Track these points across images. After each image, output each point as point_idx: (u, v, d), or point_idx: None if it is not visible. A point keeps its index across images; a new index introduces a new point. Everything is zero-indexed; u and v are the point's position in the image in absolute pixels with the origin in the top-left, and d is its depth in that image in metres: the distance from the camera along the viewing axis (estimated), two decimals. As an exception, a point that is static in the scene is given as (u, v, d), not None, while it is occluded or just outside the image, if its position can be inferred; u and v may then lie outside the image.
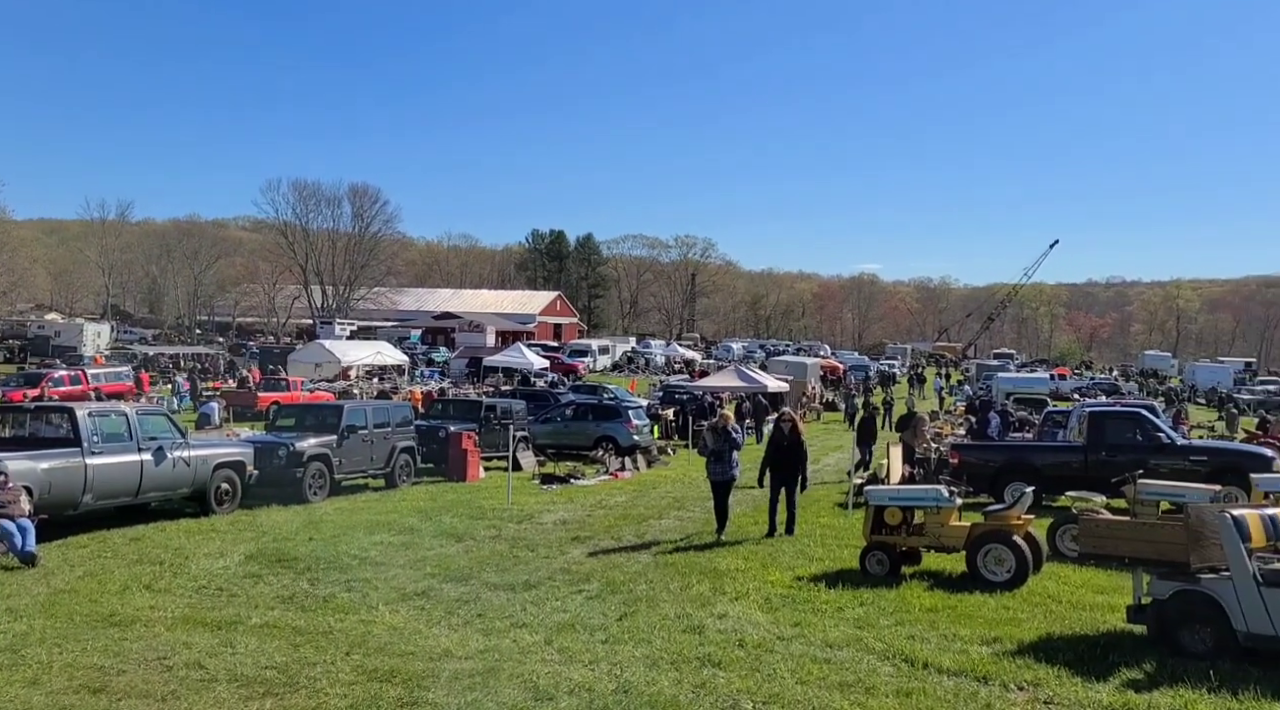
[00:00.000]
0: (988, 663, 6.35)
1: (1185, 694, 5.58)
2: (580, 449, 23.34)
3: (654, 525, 13.11)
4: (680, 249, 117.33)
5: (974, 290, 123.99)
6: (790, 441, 12.08)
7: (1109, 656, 6.42)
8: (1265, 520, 6.80)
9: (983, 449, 17.17)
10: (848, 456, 18.95)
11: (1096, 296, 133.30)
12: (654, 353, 69.45)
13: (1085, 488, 12.56)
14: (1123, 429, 15.27)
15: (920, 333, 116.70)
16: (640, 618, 7.80)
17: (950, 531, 9.59)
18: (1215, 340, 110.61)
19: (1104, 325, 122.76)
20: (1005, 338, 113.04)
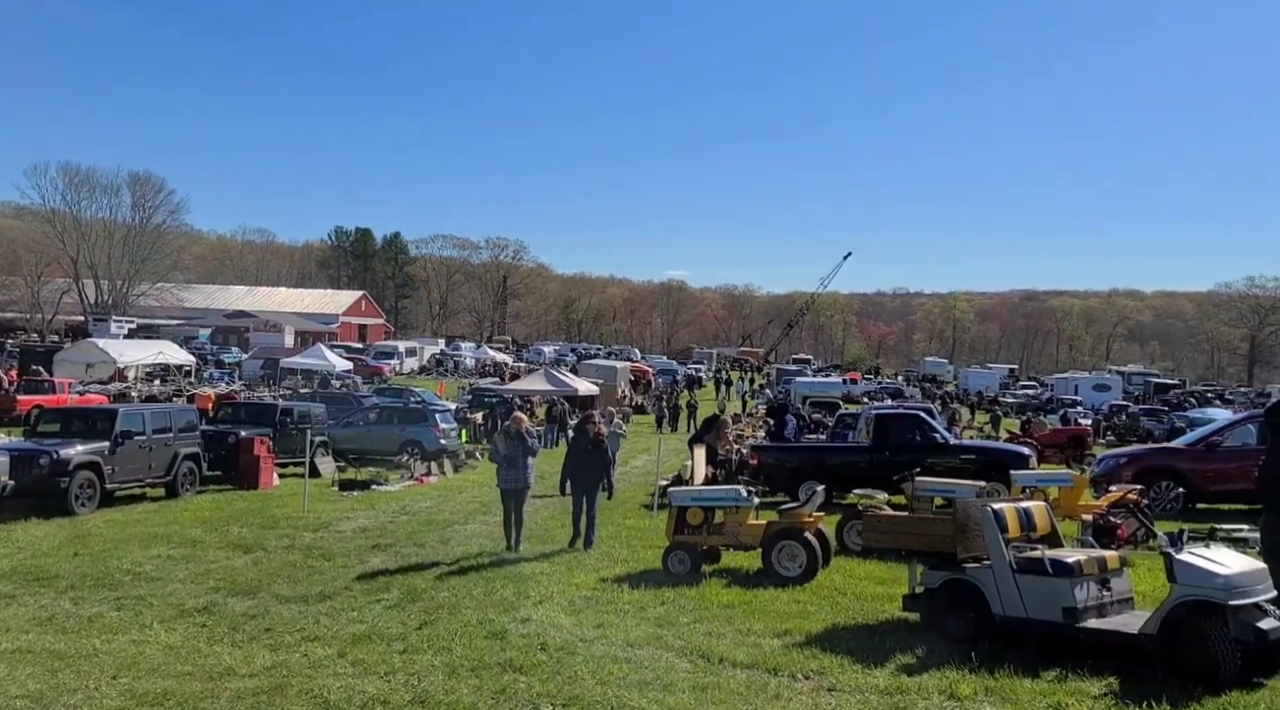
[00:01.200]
0: (778, 655, 6.64)
1: (950, 675, 6.04)
2: (384, 454, 22.60)
3: (459, 531, 12.88)
4: (492, 251, 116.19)
5: (776, 298, 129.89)
6: (593, 446, 11.73)
7: (886, 643, 6.86)
8: (1020, 513, 7.48)
9: (780, 450, 18.01)
10: (654, 459, 19.34)
11: (884, 306, 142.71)
12: (464, 355, 68.36)
13: (871, 485, 13.36)
14: (904, 430, 16.41)
15: (726, 338, 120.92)
16: (441, 625, 7.63)
17: (748, 530, 9.97)
18: (985, 348, 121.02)
19: (891, 333, 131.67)
20: (804, 344, 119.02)
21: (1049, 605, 6.65)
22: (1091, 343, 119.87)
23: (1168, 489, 14.50)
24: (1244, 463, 13.05)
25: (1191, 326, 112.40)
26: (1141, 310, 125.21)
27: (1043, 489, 12.74)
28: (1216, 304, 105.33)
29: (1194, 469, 14.63)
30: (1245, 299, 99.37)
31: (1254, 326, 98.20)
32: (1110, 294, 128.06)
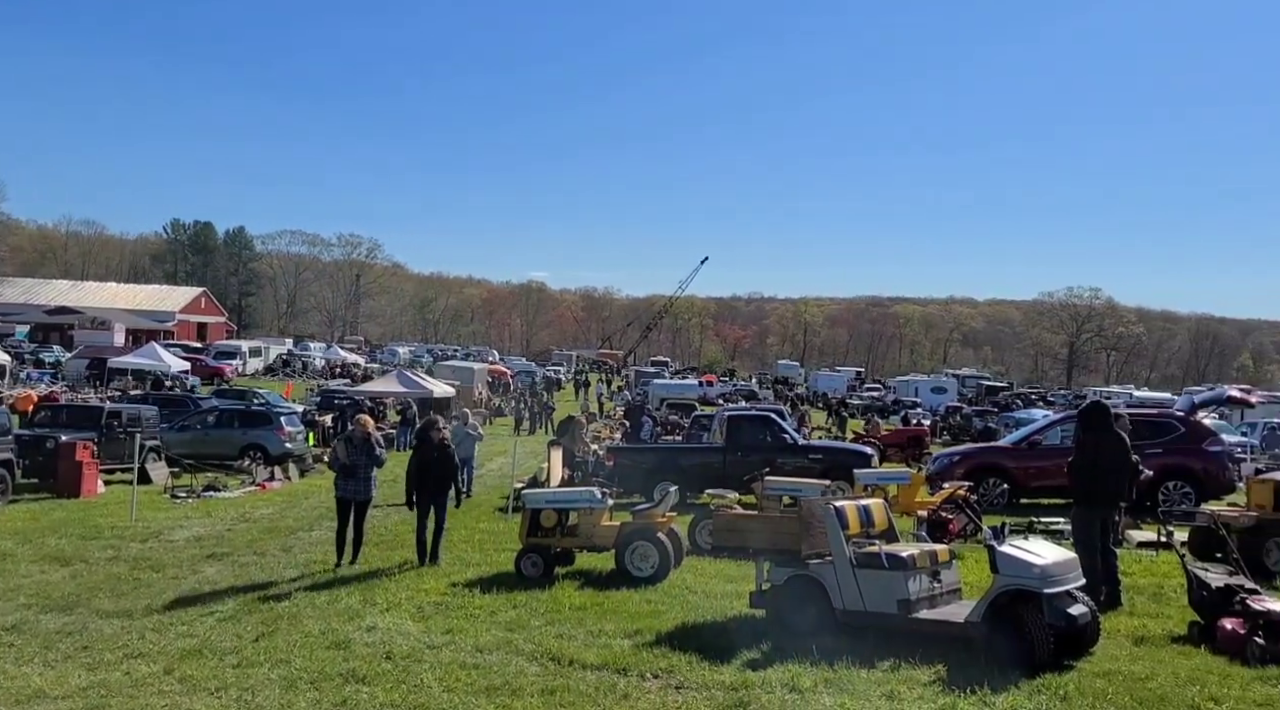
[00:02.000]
0: (628, 655, 6.68)
1: (793, 668, 6.23)
2: (224, 459, 21.47)
3: (303, 537, 12.38)
4: (344, 248, 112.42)
5: (635, 301, 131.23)
6: (439, 454, 10.68)
7: (734, 640, 7.01)
8: (860, 510, 7.80)
9: (636, 451, 18.17)
10: (511, 461, 19.15)
11: (739, 310, 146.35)
12: (313, 355, 65.83)
13: (724, 485, 13.66)
14: (755, 431, 16.87)
15: (585, 340, 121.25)
16: (280, 637, 7.30)
17: (602, 531, 10.00)
18: (834, 351, 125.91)
19: (746, 336, 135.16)
20: (662, 346, 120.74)
21: (885, 598, 6.96)
22: (930, 347, 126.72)
23: (994, 485, 15.47)
24: (1060, 460, 14.03)
25: (1019, 332, 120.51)
26: (975, 317, 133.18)
27: (883, 487, 13.34)
28: (1040, 312, 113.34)
29: (1017, 466, 15.66)
30: (1065, 307, 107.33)
31: (1072, 333, 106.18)
32: (948, 301, 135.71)
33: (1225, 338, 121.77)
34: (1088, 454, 8.78)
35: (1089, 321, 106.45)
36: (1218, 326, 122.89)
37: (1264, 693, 5.77)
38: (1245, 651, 6.52)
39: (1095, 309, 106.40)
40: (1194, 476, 14.93)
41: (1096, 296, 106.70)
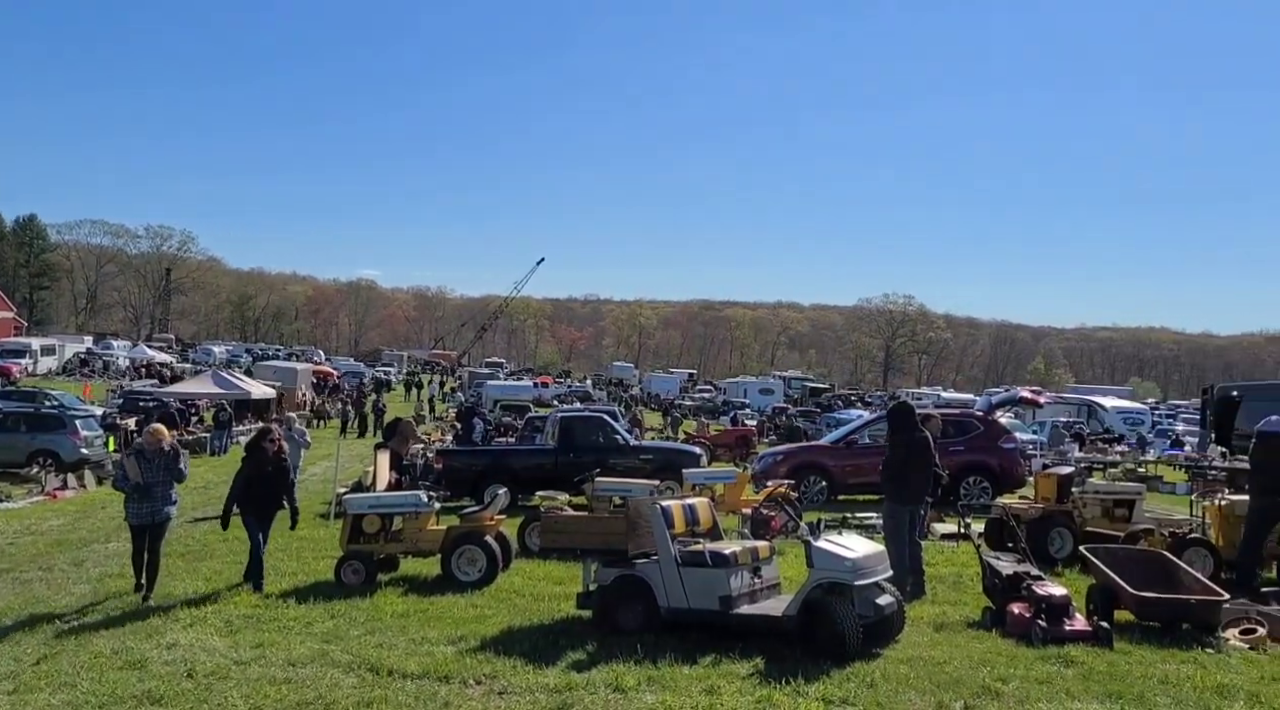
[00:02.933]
0: (451, 661, 6.52)
1: (618, 668, 6.26)
2: (9, 466, 19.58)
3: (98, 550, 11.45)
4: (153, 240, 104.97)
5: (470, 300, 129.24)
6: (274, 468, 9.48)
7: (560, 642, 6.98)
8: (686, 509, 7.95)
9: (466, 454, 17.88)
10: (333, 465, 18.38)
11: (576, 311, 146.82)
12: (116, 354, 61.12)
13: (555, 487, 13.63)
14: (588, 432, 16.94)
15: (417, 340, 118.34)
16: (65, 658, 6.70)
17: (427, 536, 9.75)
18: (668, 353, 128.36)
19: (582, 338, 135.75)
20: (497, 347, 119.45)
21: (708, 595, 7.11)
22: (759, 350, 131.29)
23: (815, 483, 16.17)
24: (874, 458, 14.85)
25: (841, 336, 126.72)
26: (801, 321, 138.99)
27: (710, 486, 13.68)
28: (860, 317, 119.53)
29: (835, 464, 16.43)
30: (883, 313, 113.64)
31: (888, 338, 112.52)
32: (776, 306, 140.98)
33: (1021, 343, 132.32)
34: (899, 453, 9.31)
35: (903, 326, 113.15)
36: (1015, 333, 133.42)
37: (1045, 670, 6.26)
38: (1030, 633, 7.07)
39: (909, 315, 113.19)
40: (990, 472, 16.11)
41: (910, 303, 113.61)
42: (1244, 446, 21.78)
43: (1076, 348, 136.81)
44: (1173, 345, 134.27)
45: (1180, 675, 6.19)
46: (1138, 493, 12.07)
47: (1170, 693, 5.84)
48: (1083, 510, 11.43)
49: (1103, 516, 11.50)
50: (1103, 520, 11.42)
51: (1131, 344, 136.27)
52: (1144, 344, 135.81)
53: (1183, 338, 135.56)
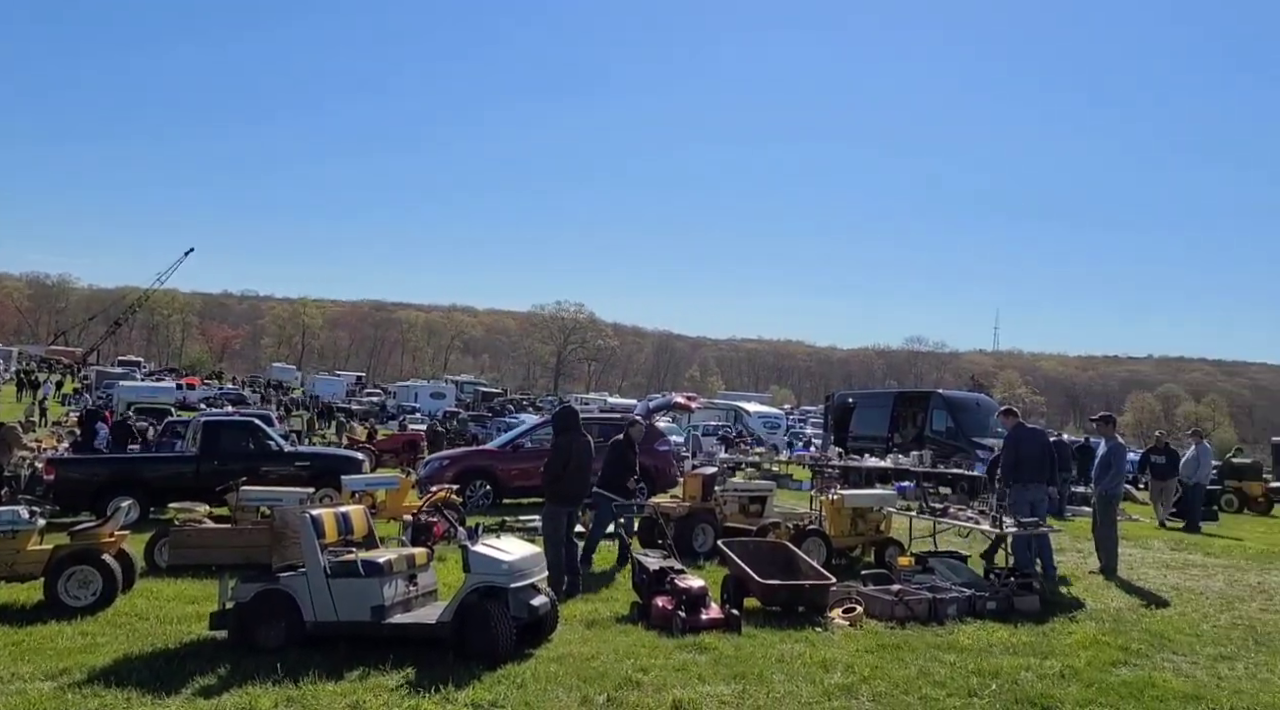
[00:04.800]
0: (48, 699, 5.68)
1: (253, 690, 5.80)
2: None
3: None
4: None
5: (100, 292, 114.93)
6: None
7: (187, 667, 6.34)
8: (339, 517, 7.58)
9: (85, 463, 15.79)
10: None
11: (231, 308, 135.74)
12: None
13: (196, 498, 12.43)
14: (236, 438, 15.66)
15: (33, 334, 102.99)
16: None
17: (27, 557, 8.44)
18: (335, 355, 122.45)
19: (237, 336, 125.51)
20: (134, 344, 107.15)
21: (359, 606, 6.82)
22: (433, 353, 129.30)
23: (480, 487, 16.17)
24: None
25: (514, 341, 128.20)
26: (475, 325, 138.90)
27: (371, 492, 13.20)
28: (534, 323, 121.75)
29: (501, 468, 16.55)
30: (555, 320, 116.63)
31: (560, 344, 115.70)
32: (450, 309, 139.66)
33: (680, 352, 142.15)
34: (561, 455, 9.57)
35: (574, 333, 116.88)
36: (675, 342, 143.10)
37: (682, 658, 6.70)
38: (671, 624, 7.54)
39: (580, 322, 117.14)
40: (647, 473, 17.03)
41: (581, 311, 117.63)
42: (858, 448, 25.09)
43: (727, 357, 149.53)
44: (806, 356, 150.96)
45: (794, 653, 6.91)
46: (769, 490, 13.38)
47: (785, 670, 6.49)
48: (723, 507, 12.44)
49: (740, 512, 12.59)
50: (740, 516, 12.50)
51: (773, 355, 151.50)
52: (783, 355, 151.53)
53: (814, 350, 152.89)
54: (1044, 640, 7.72)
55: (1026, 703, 5.97)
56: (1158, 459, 18.28)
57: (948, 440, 23.84)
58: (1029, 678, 6.52)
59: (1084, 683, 6.46)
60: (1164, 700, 6.14)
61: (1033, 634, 7.91)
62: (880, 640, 7.46)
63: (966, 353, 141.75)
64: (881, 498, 12.37)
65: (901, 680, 6.35)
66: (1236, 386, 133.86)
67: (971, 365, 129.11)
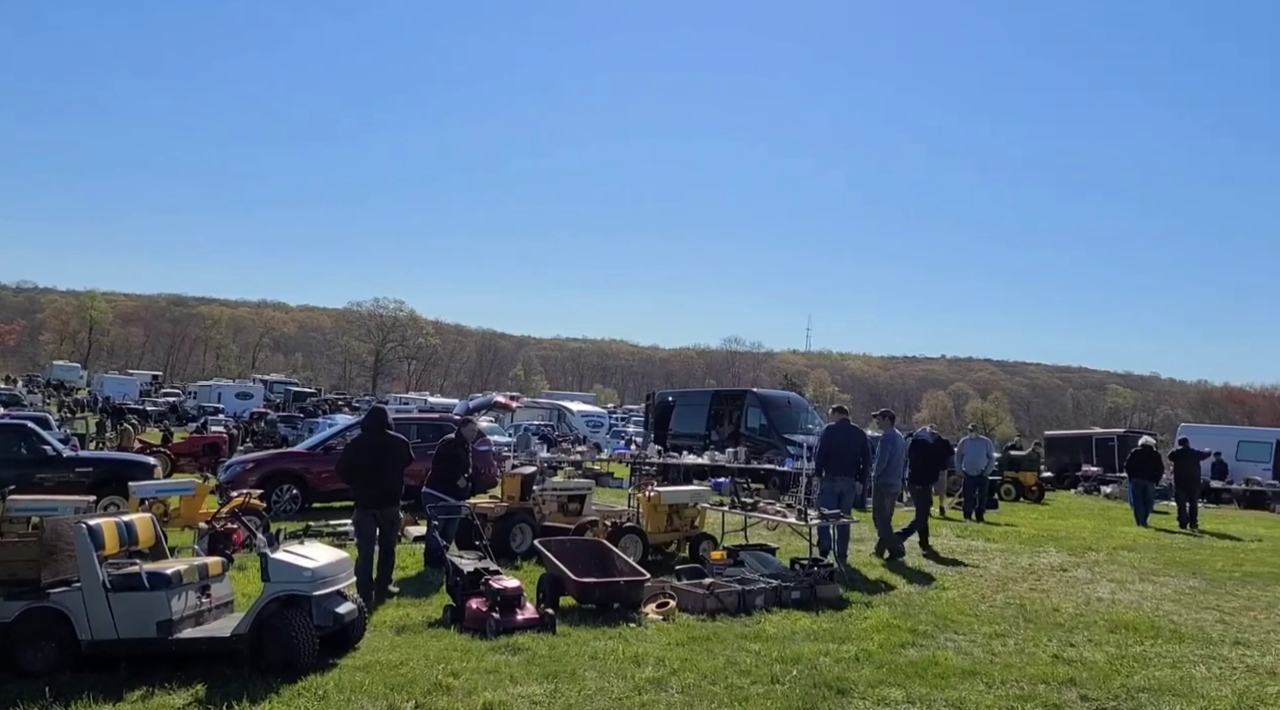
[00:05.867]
0: None
1: (16, 720, 5.28)
2: None
3: None
4: None
5: None
6: None
7: (-66, 700, 5.69)
8: (121, 527, 7.00)
9: None
10: None
11: (6, 301, 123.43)
12: None
13: (-45, 509, 11.18)
14: (7, 442, 14.33)
15: None
16: None
17: None
18: (128, 353, 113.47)
19: (11, 331, 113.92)
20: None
21: (143, 621, 6.33)
22: (239, 351, 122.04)
23: (287, 491, 15.41)
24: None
25: (329, 340, 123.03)
26: (288, 322, 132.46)
27: (163, 499, 12.33)
28: (350, 320, 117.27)
29: (310, 471, 15.83)
30: (373, 317, 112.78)
31: (378, 342, 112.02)
32: (259, 305, 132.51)
33: (504, 351, 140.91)
34: (346, 455, 9.27)
35: (394, 331, 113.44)
36: (499, 341, 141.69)
37: (494, 660, 6.62)
38: (485, 626, 7.44)
39: (399, 320, 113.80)
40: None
41: (401, 308, 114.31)
42: (677, 445, 25.67)
43: (552, 356, 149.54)
44: (630, 356, 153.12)
45: (607, 650, 6.97)
46: (587, 488, 13.47)
47: (597, 666, 6.54)
48: (542, 507, 12.42)
49: (559, 511, 12.61)
50: (559, 515, 12.52)
51: (597, 354, 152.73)
52: (607, 354, 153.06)
53: (637, 350, 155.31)
54: (843, 626, 8.14)
55: (824, 686, 6.27)
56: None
57: (761, 437, 24.77)
58: (827, 662, 6.85)
59: (876, 664, 6.85)
60: (945, 677, 6.61)
61: (833, 620, 8.33)
62: (691, 633, 7.65)
63: (781, 353, 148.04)
64: (696, 494, 12.69)
65: (709, 671, 6.53)
66: (1016, 385, 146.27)
67: (785, 365, 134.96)
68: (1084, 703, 6.20)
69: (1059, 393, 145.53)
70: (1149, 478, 19.58)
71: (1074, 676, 6.75)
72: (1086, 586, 10.77)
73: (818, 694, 6.12)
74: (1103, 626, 8.55)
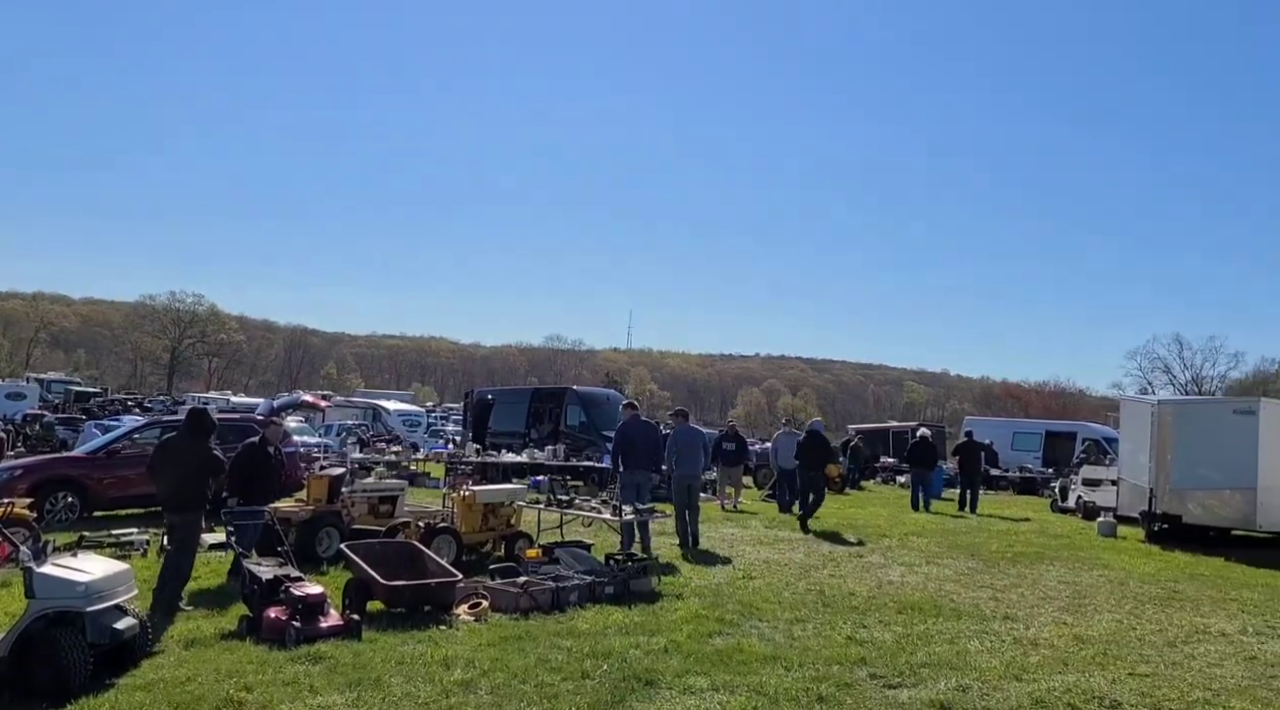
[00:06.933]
0: None
1: None
2: None
3: None
4: None
5: None
6: None
7: None
8: None
9: None
10: None
11: None
12: None
13: None
14: None
15: None
16: None
17: None
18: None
19: None
20: None
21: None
22: (11, 348, 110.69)
23: (62, 499, 14.13)
24: (141, 468, 13.52)
25: (119, 336, 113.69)
26: (69, 316, 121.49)
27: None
28: (143, 315, 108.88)
29: (92, 477, 14.58)
30: (168, 312, 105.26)
31: (174, 338, 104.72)
32: (34, 297, 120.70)
33: (315, 348, 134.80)
34: (164, 455, 8.67)
35: (192, 327, 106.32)
36: (310, 338, 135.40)
37: (294, 671, 6.32)
38: (285, 635, 7.08)
39: (199, 315, 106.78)
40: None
41: (200, 303, 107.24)
42: (497, 443, 25.42)
43: (367, 354, 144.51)
44: (450, 354, 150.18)
45: (415, 654, 6.80)
46: (400, 489, 13.12)
47: (404, 672, 6.37)
48: (351, 509, 11.98)
49: (369, 513, 12.21)
50: (369, 517, 12.12)
51: (416, 352, 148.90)
52: (426, 352, 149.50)
53: (458, 347, 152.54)
54: (654, 618, 8.30)
55: (633, 678, 6.37)
56: (728, 446, 20.01)
57: (581, 434, 24.94)
58: (637, 655, 6.97)
59: (684, 654, 7.04)
60: (748, 663, 6.87)
61: (645, 613, 8.48)
62: (504, 632, 7.58)
63: (603, 350, 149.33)
64: (512, 492, 12.60)
65: (520, 670, 6.49)
66: (824, 382, 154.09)
67: (607, 363, 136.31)
68: (873, 680, 6.60)
69: (862, 389, 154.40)
70: (926, 467, 21.15)
71: (865, 656, 7.19)
72: (880, 571, 11.48)
73: (626, 686, 6.21)
74: (892, 608, 9.14)
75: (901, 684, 6.54)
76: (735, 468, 19.96)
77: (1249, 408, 16.40)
